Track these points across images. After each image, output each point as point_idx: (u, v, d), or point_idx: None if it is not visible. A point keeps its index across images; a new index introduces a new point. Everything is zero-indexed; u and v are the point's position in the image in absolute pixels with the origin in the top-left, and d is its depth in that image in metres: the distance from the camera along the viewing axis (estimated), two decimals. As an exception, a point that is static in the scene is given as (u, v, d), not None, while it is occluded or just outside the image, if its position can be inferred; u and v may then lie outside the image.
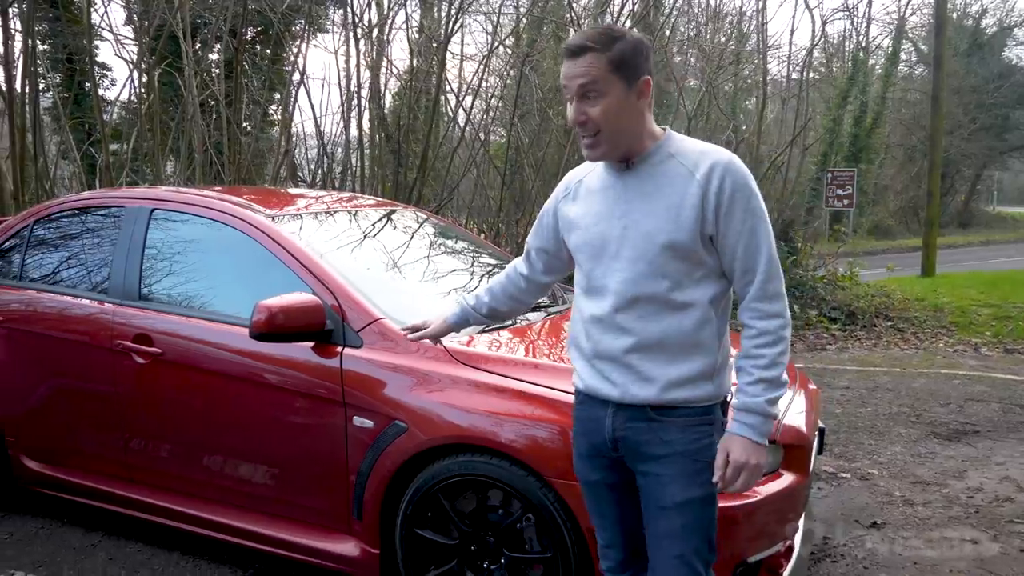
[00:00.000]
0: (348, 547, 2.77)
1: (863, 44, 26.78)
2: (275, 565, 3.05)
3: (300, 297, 2.71)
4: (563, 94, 1.84)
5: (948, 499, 3.85)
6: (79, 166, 8.32)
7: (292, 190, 6.25)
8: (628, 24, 9.55)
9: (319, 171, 9.31)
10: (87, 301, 3.35)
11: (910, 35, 28.58)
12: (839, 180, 18.96)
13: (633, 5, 9.57)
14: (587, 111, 1.78)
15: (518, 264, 2.28)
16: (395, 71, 9.59)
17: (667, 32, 16.46)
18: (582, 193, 1.97)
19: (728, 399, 1.95)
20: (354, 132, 9.37)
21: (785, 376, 1.82)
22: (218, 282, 3.21)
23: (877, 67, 28.13)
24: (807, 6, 11.89)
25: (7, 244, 3.81)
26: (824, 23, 11.72)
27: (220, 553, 3.14)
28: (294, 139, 10.08)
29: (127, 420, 3.20)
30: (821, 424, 3.38)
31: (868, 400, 5.79)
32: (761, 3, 12.10)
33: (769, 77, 12.11)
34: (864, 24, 26.83)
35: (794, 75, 15.04)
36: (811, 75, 25.80)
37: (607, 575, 2.06)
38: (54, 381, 3.42)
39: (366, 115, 9.54)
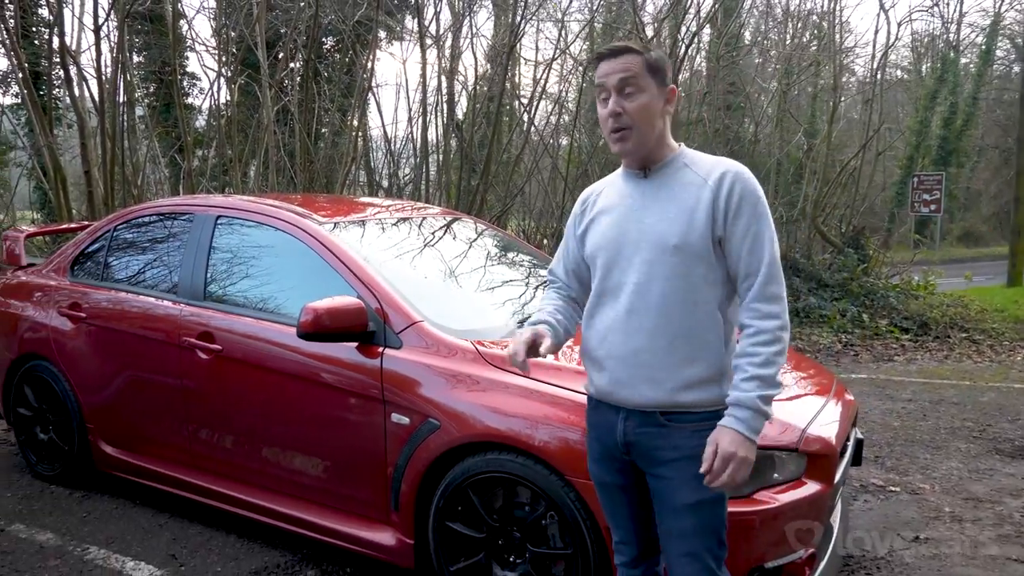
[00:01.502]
0: (386, 536, 2.93)
1: (953, 43, 25.69)
2: (320, 551, 3.24)
3: (345, 300, 2.89)
4: (596, 95, 1.96)
5: (1000, 517, 3.76)
6: (163, 173, 8.83)
7: (355, 197, 6.51)
8: (699, 25, 9.52)
9: (388, 177, 9.62)
10: (159, 300, 3.63)
11: (1007, 31, 27.19)
12: (925, 184, 18.25)
13: (708, 9, 9.51)
14: (624, 105, 1.89)
15: (559, 293, 2.18)
16: (462, 79, 9.79)
17: (745, 34, 16.26)
18: (599, 204, 2.06)
19: None
20: (423, 137, 9.64)
21: (780, 377, 1.86)
22: (274, 284, 3.42)
23: (971, 65, 26.92)
24: (881, 7, 11.49)
25: (94, 246, 4.14)
26: (900, 24, 11.26)
27: (272, 538, 3.36)
28: (367, 144, 10.44)
29: (192, 411, 3.46)
30: (859, 435, 3.37)
31: (930, 413, 5.64)
32: (833, 4, 11.77)
33: (852, 79, 11.79)
34: (955, 22, 25.72)
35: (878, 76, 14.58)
36: (900, 75, 24.94)
37: (622, 569, 2.15)
38: (130, 373, 3.71)
39: (437, 121, 9.81)
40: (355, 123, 9.33)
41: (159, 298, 3.64)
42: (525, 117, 9.61)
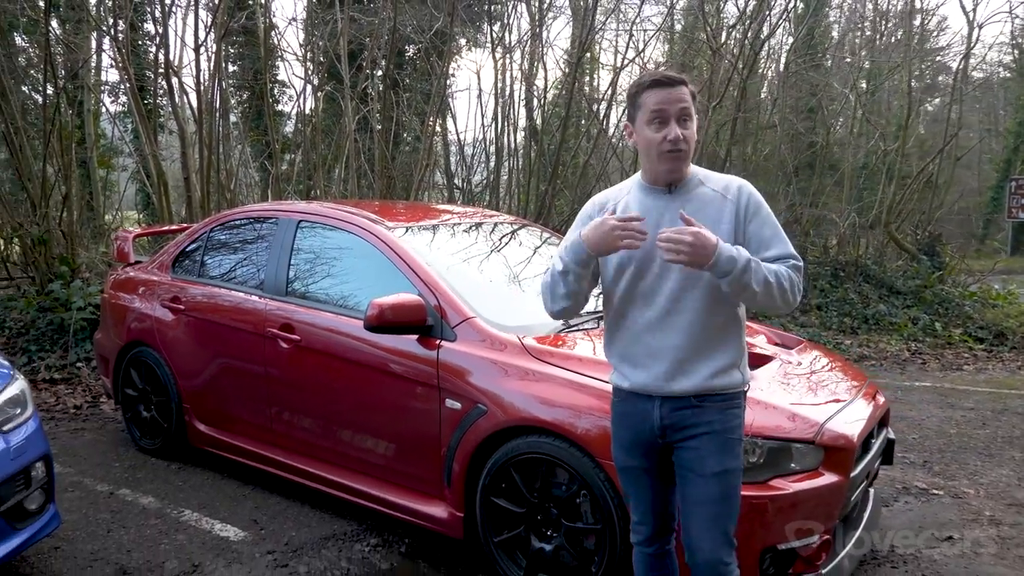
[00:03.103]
0: (439, 510, 3.26)
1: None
2: (382, 522, 3.60)
3: (407, 297, 3.24)
4: (645, 119, 2.14)
5: (1041, 522, 3.81)
6: (254, 177, 9.46)
7: (429, 204, 6.90)
8: (787, 26, 9.50)
9: (462, 182, 10.02)
10: (247, 295, 4.07)
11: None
12: (1024, 189, 17.51)
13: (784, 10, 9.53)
14: (684, 132, 2.14)
15: None
16: (539, 85, 10.10)
17: (833, 34, 16.01)
18: (619, 213, 2.26)
19: (747, 389, 2.26)
20: (497, 142, 10.00)
21: (757, 284, 2.04)
22: (347, 282, 3.81)
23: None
24: (963, 9, 11.11)
25: (192, 246, 4.64)
26: (980, 26, 10.93)
27: (341, 509, 3.74)
28: (447, 149, 10.88)
29: (273, 394, 3.88)
30: (891, 435, 3.52)
31: (990, 422, 5.62)
32: (909, 5, 11.52)
33: (947, 79, 11.44)
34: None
35: (977, 74, 14.08)
36: (1003, 74, 23.86)
37: (637, 547, 2.39)
38: (221, 360, 4.17)
39: (507, 127, 10.16)
40: (431, 130, 9.78)
41: (247, 293, 4.08)
42: (597, 122, 9.83)
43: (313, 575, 3.19)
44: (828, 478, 2.78)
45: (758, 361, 3.32)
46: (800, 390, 3.18)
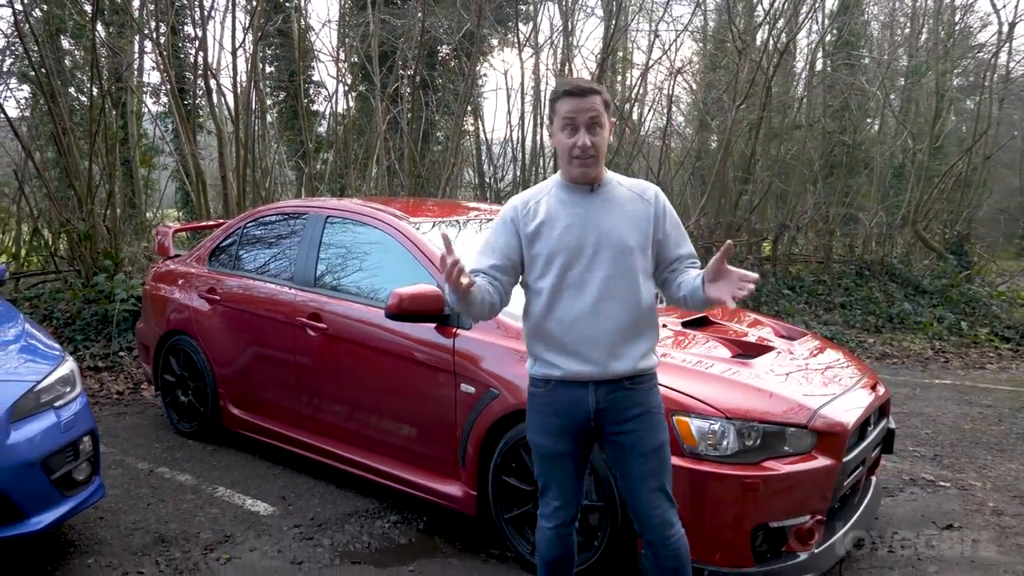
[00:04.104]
0: (454, 488, 3.46)
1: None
2: (402, 500, 3.82)
3: (425, 287, 3.44)
4: (559, 125, 2.30)
5: (1043, 513, 3.89)
6: (288, 176, 9.76)
7: (456, 201, 7.11)
8: (817, 25, 9.55)
9: (492, 180, 10.22)
10: (279, 287, 4.31)
11: None
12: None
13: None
14: (593, 139, 2.31)
15: (488, 280, 2.37)
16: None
17: (873, 32, 15.89)
18: (542, 212, 2.36)
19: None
20: (522, 141, 10.18)
21: None
22: (372, 274, 4.03)
23: None
24: (993, 7, 10.99)
25: (227, 240, 4.90)
26: (1012, 25, 10.76)
27: (364, 488, 3.96)
28: (478, 148, 11.08)
29: (302, 379, 4.11)
30: (891, 425, 3.64)
31: (1006, 419, 5.66)
32: (937, 4, 11.45)
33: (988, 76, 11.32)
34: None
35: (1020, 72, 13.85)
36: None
37: (557, 530, 2.44)
38: (254, 348, 4.42)
39: (530, 126, 10.33)
40: (461, 129, 10.00)
41: (279, 285, 4.32)
42: (623, 121, 9.97)
43: (336, 547, 3.41)
44: (821, 461, 2.92)
45: (758, 350, 3.47)
46: (798, 378, 3.31)
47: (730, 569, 2.82)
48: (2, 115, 7.96)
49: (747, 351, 3.46)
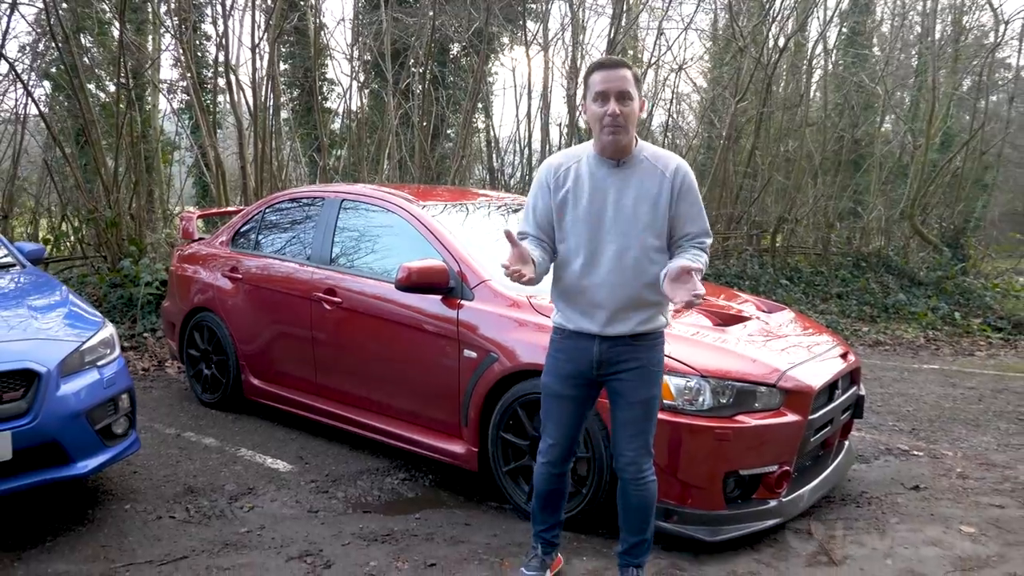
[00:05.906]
0: (458, 446, 3.78)
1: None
2: (409, 459, 4.14)
3: (432, 262, 3.76)
4: (591, 97, 2.51)
5: (1005, 478, 4.17)
6: (303, 170, 10.10)
7: (463, 188, 7.43)
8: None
9: (500, 175, 10.53)
10: (297, 265, 4.64)
11: None
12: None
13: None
14: (623, 109, 2.54)
15: (536, 243, 2.65)
16: (564, 85, 10.57)
17: (883, 30, 16.08)
18: (570, 180, 2.61)
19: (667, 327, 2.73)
20: (529, 137, 10.49)
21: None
22: (383, 253, 4.35)
23: None
24: (990, 6, 11.03)
25: (248, 224, 5.24)
26: (1007, 22, 10.91)
27: (375, 449, 4.30)
28: (489, 143, 11.39)
29: (318, 350, 4.44)
30: (861, 392, 3.94)
31: (986, 399, 5.93)
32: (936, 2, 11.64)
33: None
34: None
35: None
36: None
37: (548, 467, 2.75)
38: (273, 322, 4.75)
39: (547, 123, 10.63)
40: (468, 125, 10.31)
41: (297, 264, 4.65)
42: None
43: (349, 500, 3.74)
44: (789, 418, 3.23)
45: (736, 320, 3.77)
46: (771, 344, 3.61)
47: (704, 511, 3.13)
48: (35, 110, 8.34)
49: (727, 322, 3.76)
